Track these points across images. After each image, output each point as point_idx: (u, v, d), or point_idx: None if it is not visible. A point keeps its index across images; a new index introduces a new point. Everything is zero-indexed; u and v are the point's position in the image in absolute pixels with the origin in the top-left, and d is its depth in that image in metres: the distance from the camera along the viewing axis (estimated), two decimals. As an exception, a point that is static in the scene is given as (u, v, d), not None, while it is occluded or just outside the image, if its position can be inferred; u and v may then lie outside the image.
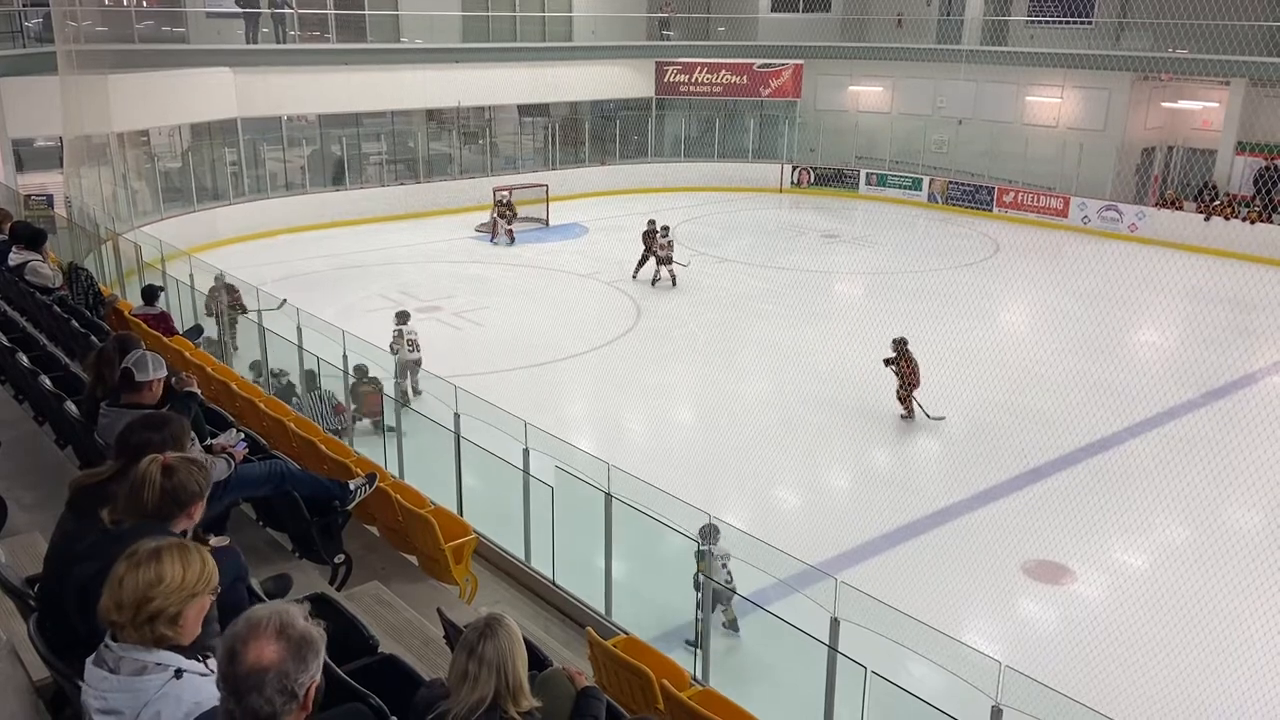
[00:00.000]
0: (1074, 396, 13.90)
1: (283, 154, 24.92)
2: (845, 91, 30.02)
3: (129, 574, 2.52)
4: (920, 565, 10.00)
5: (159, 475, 3.13)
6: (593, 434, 13.03)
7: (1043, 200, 25.85)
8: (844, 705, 5.97)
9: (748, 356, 16.31)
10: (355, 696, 3.26)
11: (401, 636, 5.04)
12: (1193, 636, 8.45)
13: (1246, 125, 23.68)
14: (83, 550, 3.11)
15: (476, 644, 2.97)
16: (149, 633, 2.53)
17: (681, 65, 30.27)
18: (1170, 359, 16.27)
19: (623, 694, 5.34)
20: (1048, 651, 8.58)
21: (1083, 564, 10.04)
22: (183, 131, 23.54)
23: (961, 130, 27.62)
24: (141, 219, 20.03)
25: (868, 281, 21.64)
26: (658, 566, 9.38)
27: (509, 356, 14.19)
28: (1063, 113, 26.22)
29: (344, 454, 7.43)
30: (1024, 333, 18.08)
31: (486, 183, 26.02)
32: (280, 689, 2.22)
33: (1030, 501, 11.17)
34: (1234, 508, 11.28)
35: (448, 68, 26.20)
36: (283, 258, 21.41)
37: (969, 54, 25.91)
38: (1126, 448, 12.62)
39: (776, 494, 11.89)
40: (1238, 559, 9.67)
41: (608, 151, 30.28)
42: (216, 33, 24.24)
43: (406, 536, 6.74)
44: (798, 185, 29.83)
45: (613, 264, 21.17)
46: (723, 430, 13.17)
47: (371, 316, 17.15)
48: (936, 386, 14.01)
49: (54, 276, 9.46)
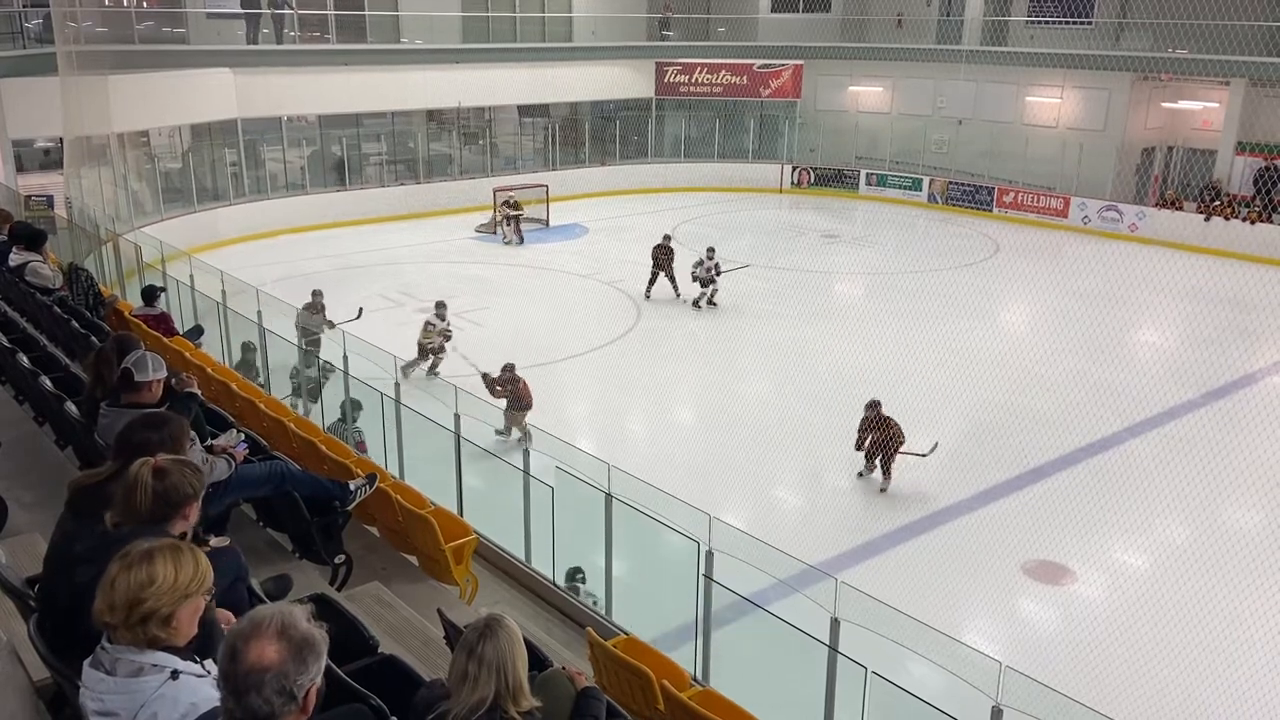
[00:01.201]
0: (1074, 397, 13.90)
1: (283, 154, 24.92)
2: (845, 92, 30.02)
3: (121, 575, 2.52)
4: (920, 565, 10.00)
5: (150, 478, 3.13)
6: (593, 434, 13.03)
7: (1043, 200, 25.85)
8: (844, 706, 5.97)
9: (748, 357, 16.31)
10: (355, 697, 3.26)
11: (402, 637, 5.04)
12: (1193, 636, 8.46)
13: (1246, 125, 23.68)
14: (81, 552, 3.11)
15: (476, 644, 2.97)
16: (142, 634, 2.53)
17: (681, 66, 30.27)
18: (1170, 359, 16.27)
19: (623, 694, 5.34)
20: (1048, 652, 8.59)
21: (1083, 564, 10.04)
22: (183, 132, 23.54)
23: (961, 130, 27.63)
24: (141, 219, 20.03)
25: (868, 282, 21.64)
26: (658, 567, 9.38)
27: (509, 357, 14.18)
28: (1063, 113, 26.22)
29: (344, 454, 7.43)
30: (1024, 333, 18.08)
31: (487, 183, 26.02)
32: (279, 690, 2.22)
33: (1030, 502, 11.17)
34: (1234, 508, 11.28)
35: (448, 68, 26.20)
36: (283, 258, 21.41)
37: (969, 54, 25.91)
38: (1126, 448, 12.62)
39: (776, 494, 11.89)
40: (1237, 559, 9.66)
41: (608, 152, 30.28)
42: (216, 33, 24.24)
43: (407, 537, 6.74)
44: (798, 185, 29.83)
45: (613, 264, 21.17)
46: (722, 430, 13.17)
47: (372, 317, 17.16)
48: (937, 388, 14.02)
49: (54, 277, 9.47)
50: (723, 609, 7.06)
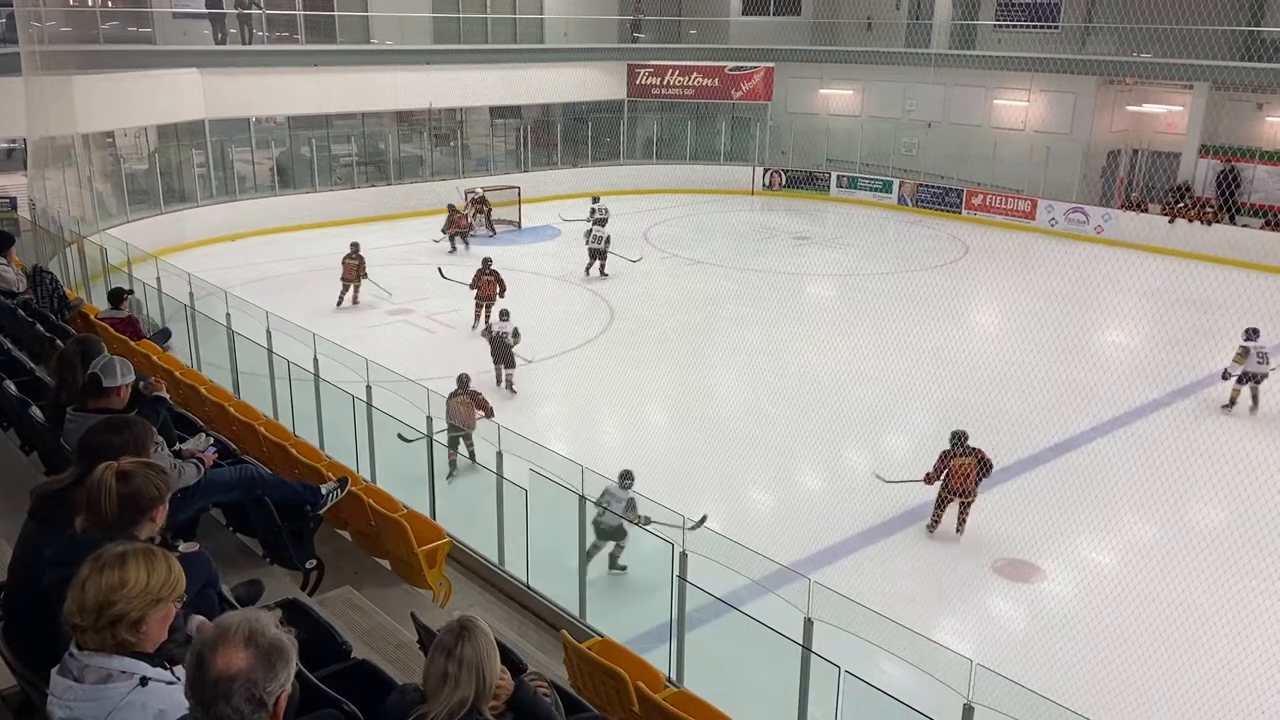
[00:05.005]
0: (1042, 396, 14.05)
1: (251, 156, 24.69)
2: (816, 94, 30.18)
3: (93, 577, 2.49)
4: (892, 565, 10.08)
5: (114, 482, 3.09)
6: (566, 436, 13.01)
7: (1010, 203, 26.14)
8: (818, 705, 6.00)
9: (720, 358, 16.36)
10: (329, 702, 3.24)
11: (375, 641, 5.01)
12: (1160, 632, 8.58)
13: (1209, 128, 24.08)
14: (51, 556, 3.07)
15: (454, 646, 2.97)
16: (110, 637, 2.50)
17: (653, 68, 30.33)
18: (1136, 359, 16.50)
19: (598, 696, 5.34)
20: (1019, 649, 8.68)
21: (1052, 562, 10.16)
22: (149, 133, 23.25)
23: (931, 133, 27.88)
24: (107, 221, 19.77)
25: (839, 283, 21.77)
26: (631, 567, 9.39)
27: (482, 359, 14.15)
28: (1030, 116, 26.52)
29: (315, 458, 7.37)
30: (993, 334, 18.26)
31: (458, 184, 25.93)
32: (249, 697, 2.19)
33: (1000, 501, 11.27)
34: (1199, 505, 11.46)
35: (419, 69, 26.08)
36: (252, 260, 21.22)
37: (938, 57, 26.15)
38: (1093, 447, 12.78)
39: (750, 495, 11.93)
40: (1203, 555, 9.81)
41: (580, 154, 30.26)
42: (183, 33, 23.94)
43: (379, 540, 6.70)
44: (769, 188, 29.96)
45: (585, 266, 21.16)
46: (695, 432, 13.19)
47: (343, 318, 17.06)
48: (907, 388, 14.14)
49: (18, 280, 9.34)
50: (697, 610, 7.08)
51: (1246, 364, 13.72)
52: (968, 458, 10.39)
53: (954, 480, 10.35)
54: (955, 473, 10.34)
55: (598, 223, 21.16)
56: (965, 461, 10.37)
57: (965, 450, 10.41)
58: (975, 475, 10.39)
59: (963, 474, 10.33)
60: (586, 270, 20.43)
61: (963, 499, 10.45)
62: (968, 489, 10.38)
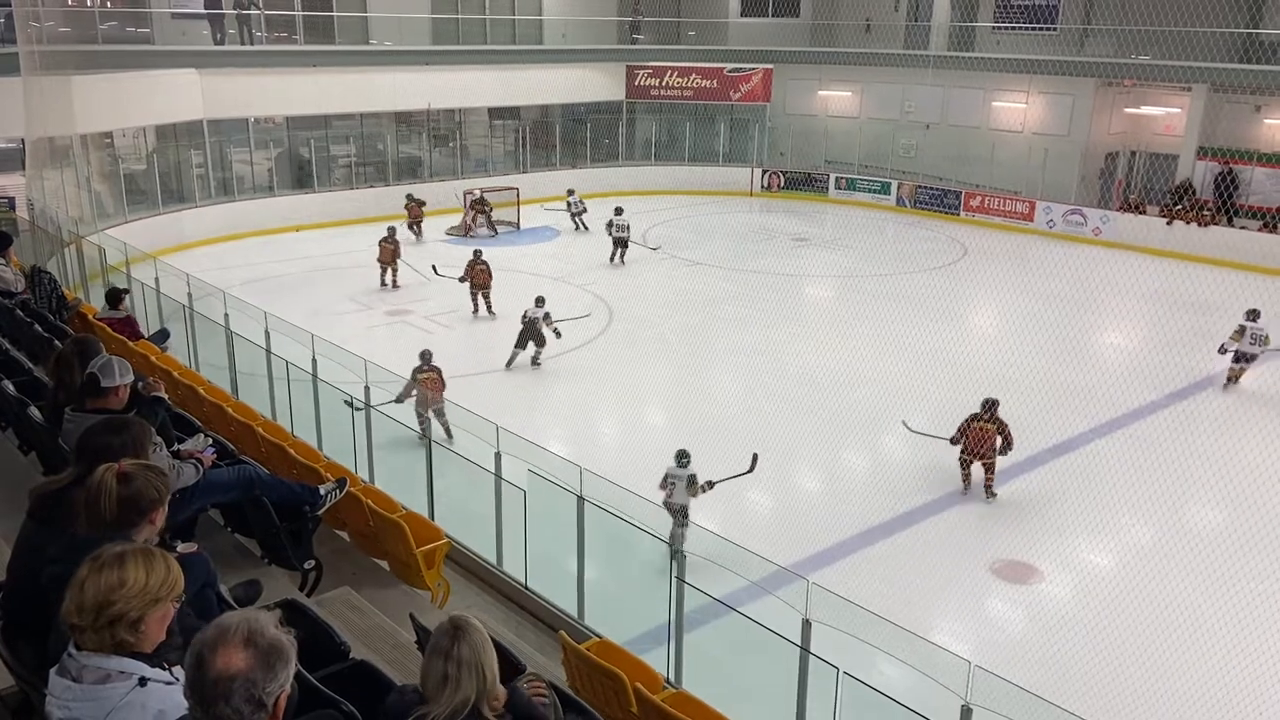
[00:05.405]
0: (1040, 398, 14.04)
1: (250, 156, 24.68)
2: (815, 96, 30.20)
3: (92, 577, 2.49)
4: (890, 566, 10.08)
5: (115, 483, 3.09)
6: (565, 437, 13.01)
7: (1009, 204, 26.16)
8: (816, 706, 6.00)
9: (719, 359, 16.37)
10: (327, 703, 3.24)
11: (373, 642, 5.01)
12: (1158, 633, 8.59)
13: (1207, 130, 24.10)
14: (54, 554, 3.07)
15: (451, 647, 2.96)
16: (109, 637, 2.50)
17: (652, 69, 30.33)
18: (1134, 361, 16.51)
19: (596, 697, 5.33)
20: (1016, 651, 8.68)
21: (1050, 563, 10.16)
22: (148, 133, 23.24)
23: (929, 135, 27.90)
24: (105, 222, 19.76)
25: (838, 284, 21.78)
26: (630, 569, 9.38)
27: (480, 359, 14.16)
28: (1028, 118, 26.55)
29: (314, 459, 7.37)
30: (991, 335, 18.27)
31: (457, 185, 25.93)
32: (248, 698, 2.19)
33: (998, 502, 11.29)
34: (1196, 506, 11.46)
35: (417, 70, 26.07)
36: (251, 260, 21.21)
37: (936, 59, 26.18)
38: (1091, 448, 12.79)
39: (748, 496, 11.91)
40: (1200, 556, 9.82)
41: (579, 155, 30.26)
42: (182, 34, 23.94)
43: (378, 541, 6.69)
44: (768, 189, 29.97)
45: (584, 267, 21.18)
46: (694, 433, 13.16)
47: (342, 319, 17.05)
48: (906, 389, 14.14)
49: (16, 280, 9.33)
50: (695, 611, 7.08)
51: (1241, 343, 13.99)
52: (990, 424, 11.08)
53: (971, 440, 11.07)
54: (974, 435, 11.07)
55: (617, 213, 21.84)
56: (987, 426, 11.07)
57: (992, 417, 11.11)
58: (992, 441, 11.03)
59: (980, 437, 11.03)
60: (610, 258, 21.55)
61: (983, 460, 11.05)
62: (984, 452, 11.01)
